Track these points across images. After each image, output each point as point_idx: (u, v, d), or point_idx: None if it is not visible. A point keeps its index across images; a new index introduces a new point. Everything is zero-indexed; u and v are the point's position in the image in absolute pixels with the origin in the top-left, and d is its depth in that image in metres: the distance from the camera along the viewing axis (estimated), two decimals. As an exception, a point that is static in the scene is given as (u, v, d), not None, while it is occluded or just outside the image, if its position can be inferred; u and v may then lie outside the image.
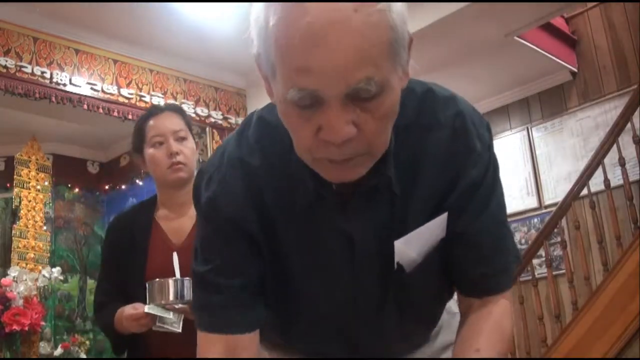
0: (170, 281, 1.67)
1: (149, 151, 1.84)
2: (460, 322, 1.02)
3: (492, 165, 0.95)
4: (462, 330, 1.00)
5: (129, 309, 1.73)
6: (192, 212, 1.75)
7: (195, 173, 1.70)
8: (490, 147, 0.95)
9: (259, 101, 5.00)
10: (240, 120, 5.00)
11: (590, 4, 5.03)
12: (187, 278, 1.65)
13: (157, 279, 1.69)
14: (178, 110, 1.94)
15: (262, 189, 0.94)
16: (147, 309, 1.67)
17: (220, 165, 0.97)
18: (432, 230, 0.94)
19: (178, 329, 1.67)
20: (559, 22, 4.89)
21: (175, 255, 1.73)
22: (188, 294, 1.66)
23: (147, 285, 1.69)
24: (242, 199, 0.94)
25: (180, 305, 1.67)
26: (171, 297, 1.66)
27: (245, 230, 0.95)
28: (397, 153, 0.90)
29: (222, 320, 0.98)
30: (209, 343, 0.98)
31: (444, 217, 0.94)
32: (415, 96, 0.93)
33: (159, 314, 1.66)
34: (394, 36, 0.74)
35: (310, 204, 0.91)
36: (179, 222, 1.87)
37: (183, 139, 1.85)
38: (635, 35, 4.77)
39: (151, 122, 1.86)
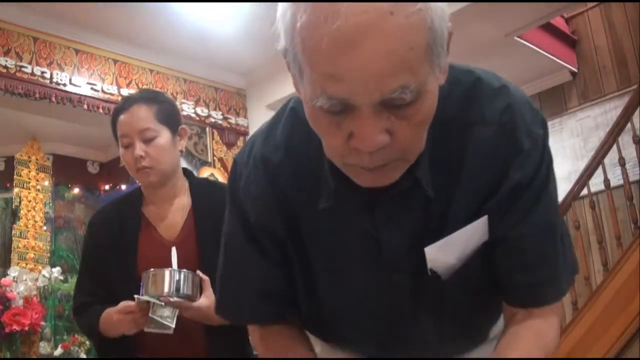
0: (167, 271, 1.55)
1: (120, 151, 1.70)
2: (502, 333, 0.93)
3: (543, 166, 0.85)
4: (501, 340, 0.91)
5: (120, 305, 1.58)
6: (180, 204, 1.72)
7: (174, 169, 1.70)
8: (543, 146, 0.85)
9: (259, 101, 5.00)
10: (240, 120, 5.00)
11: (590, 4, 5.03)
12: (185, 270, 1.56)
13: (152, 269, 1.55)
14: (148, 101, 1.68)
15: (286, 188, 0.90)
16: (138, 299, 1.54)
17: (247, 162, 0.94)
18: (471, 234, 0.86)
19: (172, 325, 1.52)
20: (559, 22, 4.89)
21: (174, 250, 1.60)
22: (185, 287, 1.54)
23: (142, 276, 1.56)
24: (265, 200, 0.91)
25: (175, 299, 1.52)
26: (166, 289, 1.52)
27: (272, 232, 0.92)
28: (434, 152, 0.83)
29: (243, 312, 1.01)
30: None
31: (483, 220, 0.86)
32: (460, 88, 0.85)
33: (152, 300, 1.52)
34: (433, 37, 0.68)
35: (337, 205, 0.86)
36: (169, 217, 1.72)
37: (151, 138, 1.64)
38: (635, 35, 4.77)
39: (120, 118, 1.68)
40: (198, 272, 1.59)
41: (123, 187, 5.80)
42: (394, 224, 0.86)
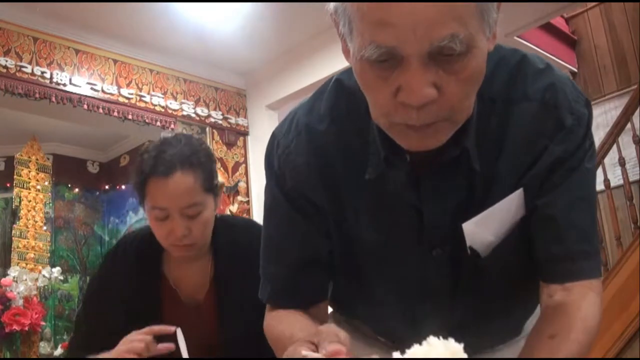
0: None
1: (149, 218, 1.39)
2: (539, 315, 0.90)
3: (586, 144, 0.85)
4: (540, 316, 0.88)
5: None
6: (203, 265, 1.47)
7: (209, 235, 1.42)
8: (587, 125, 0.85)
9: (259, 101, 5.00)
10: (240, 120, 5.00)
11: (590, 4, 5.03)
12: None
13: None
14: (194, 166, 1.35)
15: (330, 157, 0.89)
16: None
17: (288, 132, 0.93)
18: (507, 208, 0.85)
19: None
20: (559, 22, 4.90)
21: (179, 334, 1.30)
22: None
23: None
24: (307, 167, 0.90)
25: None
26: None
27: (311, 201, 0.91)
28: (480, 127, 0.82)
29: (282, 293, 0.96)
30: (273, 315, 0.97)
31: (519, 193, 0.85)
32: (506, 66, 0.85)
33: None
34: None
35: (380, 174, 0.85)
36: (192, 280, 1.47)
37: (196, 214, 1.35)
38: (635, 35, 4.77)
39: (153, 187, 1.34)
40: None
41: (123, 187, 5.81)
42: (438, 196, 0.86)
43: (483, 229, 0.86)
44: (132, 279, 1.44)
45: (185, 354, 1.26)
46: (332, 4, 0.76)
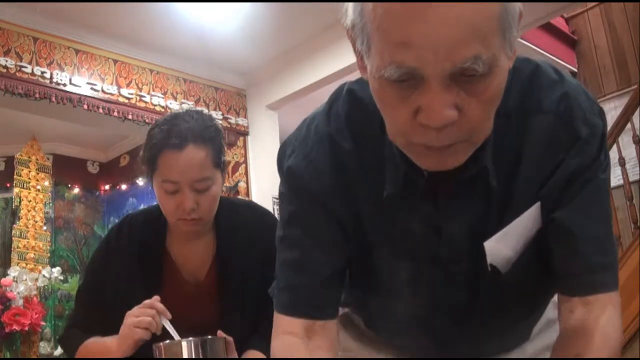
0: (184, 343, 1.23)
1: (157, 192, 1.39)
2: (560, 327, 0.89)
3: (601, 156, 0.84)
4: (561, 333, 0.87)
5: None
6: (207, 242, 1.48)
7: (215, 211, 1.42)
8: (602, 136, 0.85)
9: (259, 101, 5.00)
10: (240, 120, 5.00)
11: (590, 4, 5.03)
12: (202, 338, 1.25)
13: (167, 342, 1.24)
14: (205, 141, 1.36)
15: (350, 172, 0.88)
16: None
17: (306, 139, 0.91)
18: (526, 223, 0.85)
19: None
20: (559, 22, 4.90)
21: (166, 321, 1.29)
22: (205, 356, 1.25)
23: (154, 348, 1.24)
24: (329, 176, 0.88)
25: None
26: None
27: (330, 209, 0.89)
28: (496, 143, 0.81)
29: (303, 302, 0.91)
30: (286, 325, 0.92)
31: (536, 207, 0.85)
32: (520, 78, 0.84)
33: None
34: (506, 9, 0.67)
35: (399, 190, 0.84)
36: (194, 258, 1.48)
37: (205, 189, 1.36)
38: (635, 35, 4.77)
39: (165, 160, 1.34)
40: (219, 332, 1.31)
41: (123, 187, 5.81)
42: (456, 213, 0.85)
43: (503, 245, 0.86)
44: (136, 253, 1.45)
45: (176, 337, 1.27)
46: (349, 19, 0.74)
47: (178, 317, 1.35)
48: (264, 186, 4.74)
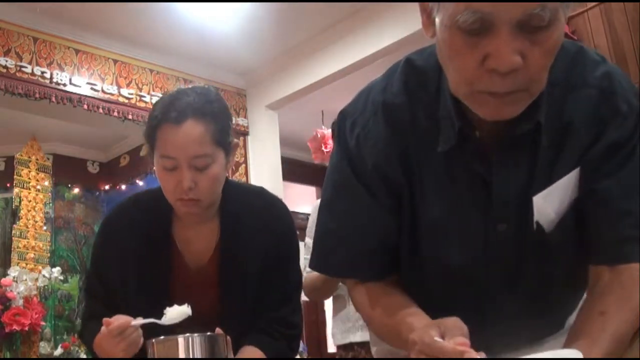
0: (180, 339, 1.15)
1: (157, 169, 1.34)
2: (587, 296, 0.94)
3: (637, 132, 0.90)
4: (588, 296, 0.92)
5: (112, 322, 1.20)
6: (211, 228, 1.42)
7: (218, 194, 1.37)
8: (638, 114, 0.91)
9: (259, 101, 5.00)
10: (240, 120, 5.00)
11: (590, 4, 5.03)
12: (201, 334, 1.17)
13: (162, 338, 1.17)
14: (206, 116, 1.30)
15: (404, 131, 0.93)
16: None
17: (364, 110, 0.97)
18: (567, 185, 0.90)
19: None
20: (559, 22, 4.90)
21: (138, 321, 1.21)
22: (202, 355, 1.17)
23: (148, 344, 1.17)
24: (385, 144, 0.94)
25: None
26: None
27: (387, 179, 0.95)
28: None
29: (360, 267, 0.99)
30: (361, 291, 1.00)
31: (576, 173, 0.90)
32: (566, 54, 0.91)
33: None
34: None
35: (453, 146, 0.89)
36: (197, 243, 1.42)
37: (204, 167, 1.29)
38: (635, 35, 4.77)
39: (163, 134, 1.29)
40: (218, 330, 1.23)
41: (123, 187, 5.81)
42: (506, 170, 0.90)
43: (548, 204, 0.90)
44: (139, 235, 1.40)
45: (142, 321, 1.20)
46: None
47: (178, 303, 1.32)
48: (264, 186, 4.73)
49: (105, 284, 1.43)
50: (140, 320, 1.21)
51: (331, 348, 5.82)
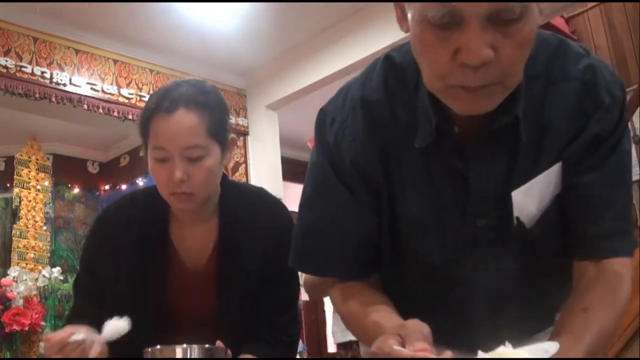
0: (178, 349, 1.10)
1: (150, 162, 1.29)
2: (572, 291, 0.91)
3: (621, 126, 0.89)
4: (572, 292, 0.90)
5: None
6: (210, 227, 1.38)
7: (215, 191, 1.34)
8: (622, 108, 0.90)
9: (259, 101, 5.00)
10: (240, 120, 5.00)
11: (590, 4, 5.03)
12: (200, 346, 1.12)
13: (157, 348, 1.12)
14: (199, 106, 1.26)
15: (382, 127, 0.93)
16: None
17: (343, 107, 0.97)
18: (549, 180, 0.89)
19: None
20: (559, 22, 4.89)
21: (105, 327, 1.17)
22: None
23: (145, 353, 1.13)
24: (364, 141, 0.93)
25: None
26: None
27: (366, 176, 0.94)
28: (523, 102, 0.86)
29: (340, 267, 0.99)
30: (337, 289, 0.99)
31: (558, 167, 0.89)
32: (548, 47, 0.90)
33: None
34: None
35: (431, 143, 0.88)
36: (196, 244, 1.38)
37: (197, 158, 1.25)
38: (635, 35, 4.77)
39: (155, 124, 1.26)
40: (219, 343, 1.19)
41: (123, 187, 5.80)
42: (484, 165, 0.89)
43: (529, 199, 0.89)
44: (136, 233, 1.36)
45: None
46: None
47: (176, 305, 1.32)
48: (264, 186, 4.73)
49: (97, 282, 1.38)
50: (79, 335, 1.15)
51: (331, 348, 5.83)
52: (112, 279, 1.35)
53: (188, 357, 1.10)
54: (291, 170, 5.35)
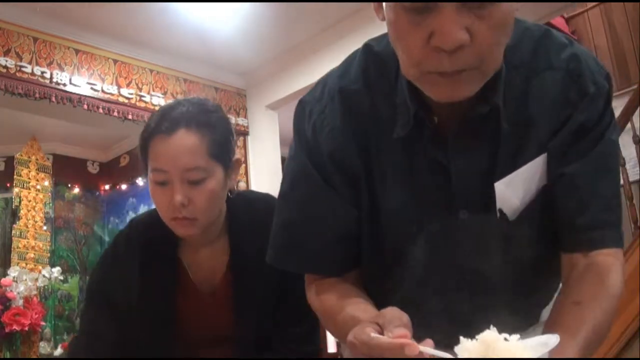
0: None
1: (150, 185, 1.24)
2: (562, 283, 0.89)
3: (607, 116, 0.87)
4: (563, 286, 0.88)
5: None
6: (220, 247, 1.34)
7: (220, 213, 1.30)
8: (608, 98, 0.88)
9: (259, 101, 5.00)
10: (240, 120, 5.00)
11: (590, 4, 5.03)
12: None
13: None
14: (200, 126, 1.20)
15: (361, 117, 0.91)
16: None
17: (321, 97, 0.95)
18: (532, 173, 0.87)
19: None
20: (559, 22, 4.89)
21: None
22: None
23: None
24: (342, 132, 0.91)
25: None
26: None
27: (345, 168, 0.92)
28: (506, 92, 0.85)
29: (318, 263, 0.96)
30: (315, 286, 0.96)
31: (543, 158, 0.87)
32: (531, 37, 0.89)
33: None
34: None
35: (408, 134, 0.86)
36: (207, 264, 1.33)
37: (198, 181, 1.19)
38: (635, 35, 4.77)
39: (155, 146, 1.21)
40: None
41: (123, 187, 5.81)
42: (466, 155, 0.87)
43: (511, 191, 0.87)
44: (146, 261, 1.31)
45: None
46: None
47: (192, 329, 1.29)
48: (264, 186, 4.74)
49: (109, 313, 1.32)
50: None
51: (331, 348, 5.82)
52: (124, 307, 1.31)
53: None
54: (291, 170, 5.34)
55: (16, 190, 4.94)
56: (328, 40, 4.39)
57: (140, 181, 5.55)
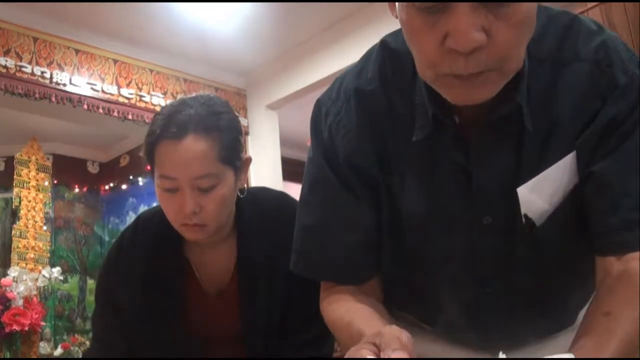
0: None
1: (157, 190, 1.19)
2: (596, 291, 0.83)
3: (638, 106, 0.80)
4: (596, 294, 0.81)
5: None
6: (228, 247, 1.30)
7: (228, 216, 1.25)
8: (639, 85, 0.81)
9: (259, 101, 5.00)
10: (240, 120, 5.00)
11: (590, 4, 5.03)
12: None
13: None
14: (210, 130, 1.15)
15: (379, 119, 0.87)
16: None
17: (337, 98, 0.91)
18: (561, 172, 0.81)
19: None
20: (559, 22, 4.90)
21: None
22: None
23: None
24: (359, 134, 0.88)
25: None
26: None
27: (362, 172, 0.88)
28: (530, 87, 0.80)
29: (336, 271, 0.92)
30: (329, 297, 0.93)
31: (572, 157, 0.81)
32: (557, 27, 0.83)
33: None
34: None
35: (428, 136, 0.82)
36: (214, 265, 1.30)
37: (209, 188, 1.15)
38: (635, 35, 4.77)
39: (162, 152, 1.15)
40: None
41: (123, 187, 5.81)
42: (488, 158, 0.82)
43: (537, 195, 0.82)
44: (152, 261, 1.27)
45: None
46: None
47: (198, 328, 1.27)
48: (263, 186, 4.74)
49: (117, 314, 1.30)
50: None
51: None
52: (131, 308, 1.28)
53: None
54: (291, 170, 5.35)
55: (16, 190, 4.93)
56: (328, 40, 4.39)
57: (140, 181, 5.55)
